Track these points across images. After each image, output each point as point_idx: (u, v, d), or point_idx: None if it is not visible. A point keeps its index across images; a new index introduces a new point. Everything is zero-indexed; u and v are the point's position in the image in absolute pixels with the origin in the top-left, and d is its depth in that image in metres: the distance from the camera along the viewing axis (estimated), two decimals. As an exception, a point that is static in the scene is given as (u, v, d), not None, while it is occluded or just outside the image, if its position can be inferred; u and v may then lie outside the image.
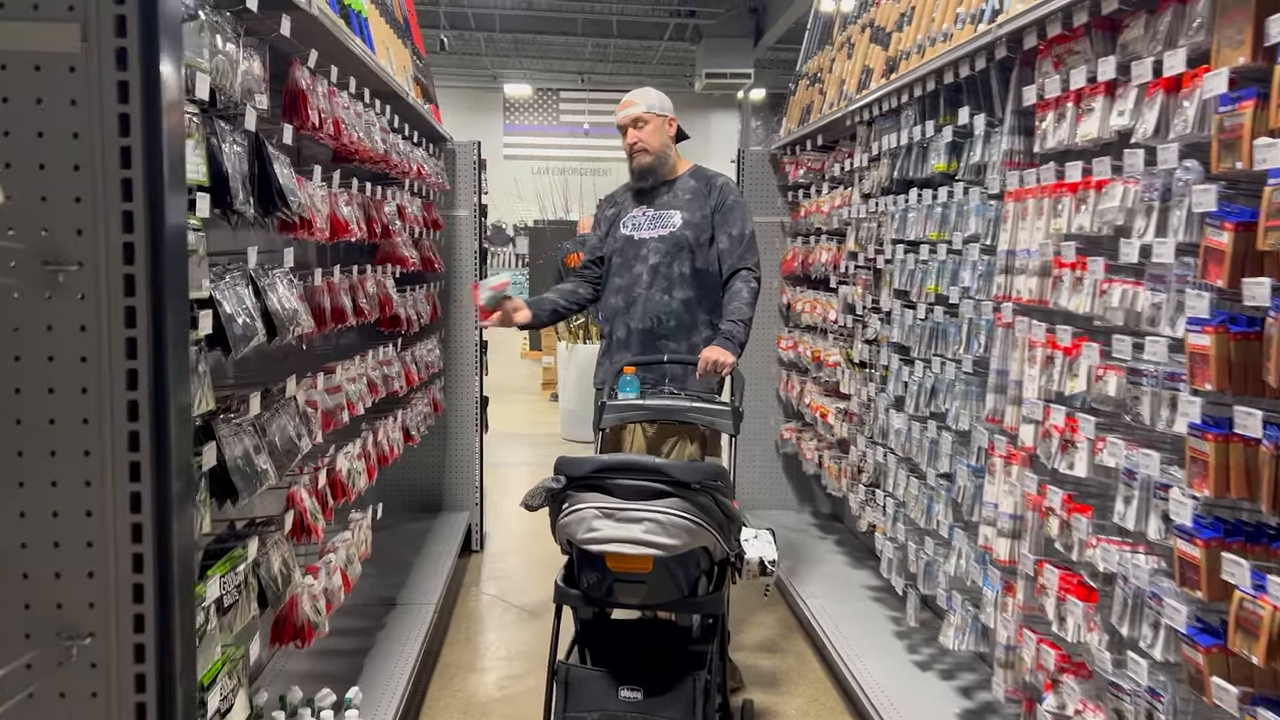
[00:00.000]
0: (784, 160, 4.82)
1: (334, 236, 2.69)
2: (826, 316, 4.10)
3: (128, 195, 0.89)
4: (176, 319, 1.02)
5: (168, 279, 0.95)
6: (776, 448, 5.06)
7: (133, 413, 0.93)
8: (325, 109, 2.52)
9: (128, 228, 0.90)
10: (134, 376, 0.96)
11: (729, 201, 3.38)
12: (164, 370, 0.98)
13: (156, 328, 0.96)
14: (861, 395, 3.61)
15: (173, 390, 1.00)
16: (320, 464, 2.65)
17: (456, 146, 4.78)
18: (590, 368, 7.88)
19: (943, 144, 2.80)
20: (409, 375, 3.79)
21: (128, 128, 0.86)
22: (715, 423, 2.96)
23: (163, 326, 0.96)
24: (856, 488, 3.71)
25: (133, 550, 1.02)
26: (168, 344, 1.00)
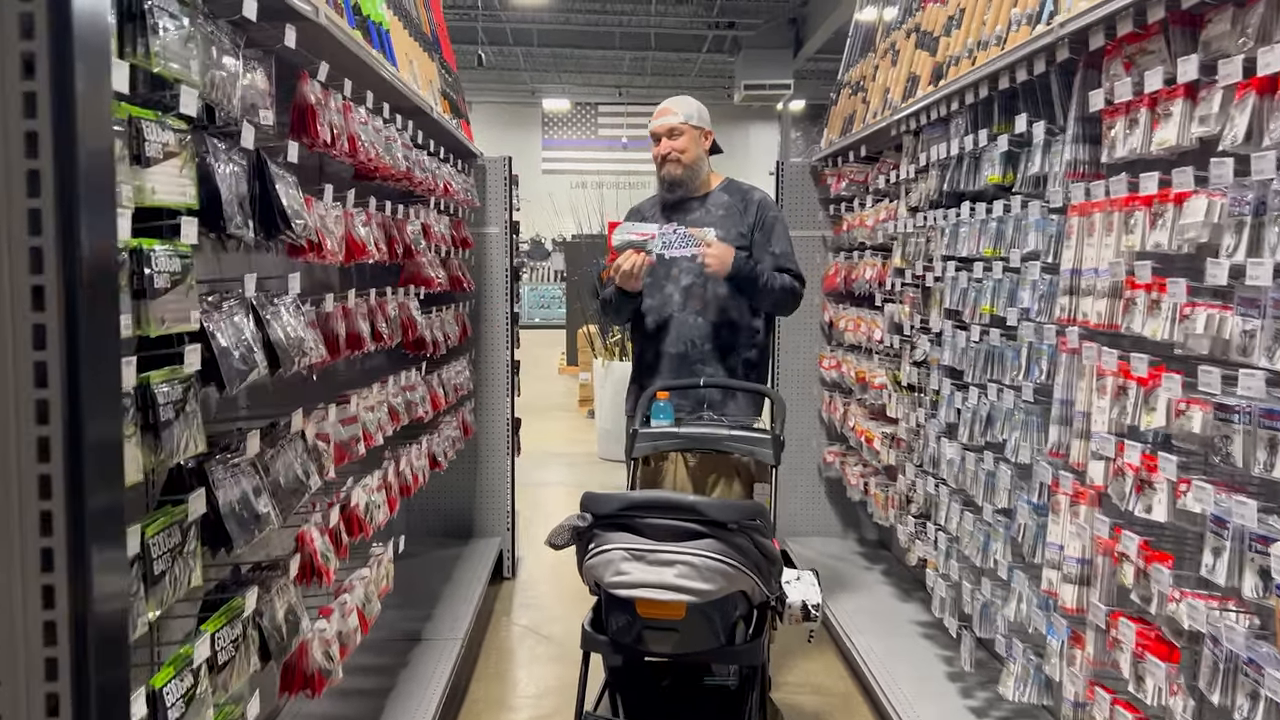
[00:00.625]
0: (825, 172, 4.63)
1: (350, 258, 2.56)
2: (871, 335, 3.90)
3: (35, 229, 0.74)
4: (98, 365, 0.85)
5: (85, 323, 0.80)
6: (819, 471, 4.86)
7: (43, 451, 0.78)
8: (339, 124, 2.39)
9: (36, 268, 0.75)
10: (43, 407, 0.80)
11: (769, 218, 3.23)
12: (78, 406, 0.82)
13: (71, 366, 0.80)
14: (910, 420, 3.41)
15: (87, 425, 0.84)
16: (335, 499, 2.50)
17: (487, 162, 4.65)
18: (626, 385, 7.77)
19: (997, 154, 2.61)
20: (435, 399, 3.65)
21: (35, 148, 0.72)
22: (755, 452, 2.77)
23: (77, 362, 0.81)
24: (905, 518, 3.50)
25: (44, 618, 0.85)
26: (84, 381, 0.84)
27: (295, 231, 1.93)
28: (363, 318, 2.66)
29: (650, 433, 2.82)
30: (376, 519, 2.76)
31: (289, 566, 2.06)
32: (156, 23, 1.44)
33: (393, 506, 2.99)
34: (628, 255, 3.06)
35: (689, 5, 16.64)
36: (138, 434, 1.41)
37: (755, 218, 3.22)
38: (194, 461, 1.69)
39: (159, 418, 1.47)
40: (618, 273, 3.07)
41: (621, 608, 2.11)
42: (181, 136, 1.54)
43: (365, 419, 2.66)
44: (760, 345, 3.27)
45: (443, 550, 4.57)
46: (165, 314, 1.48)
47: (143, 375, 1.46)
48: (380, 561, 2.92)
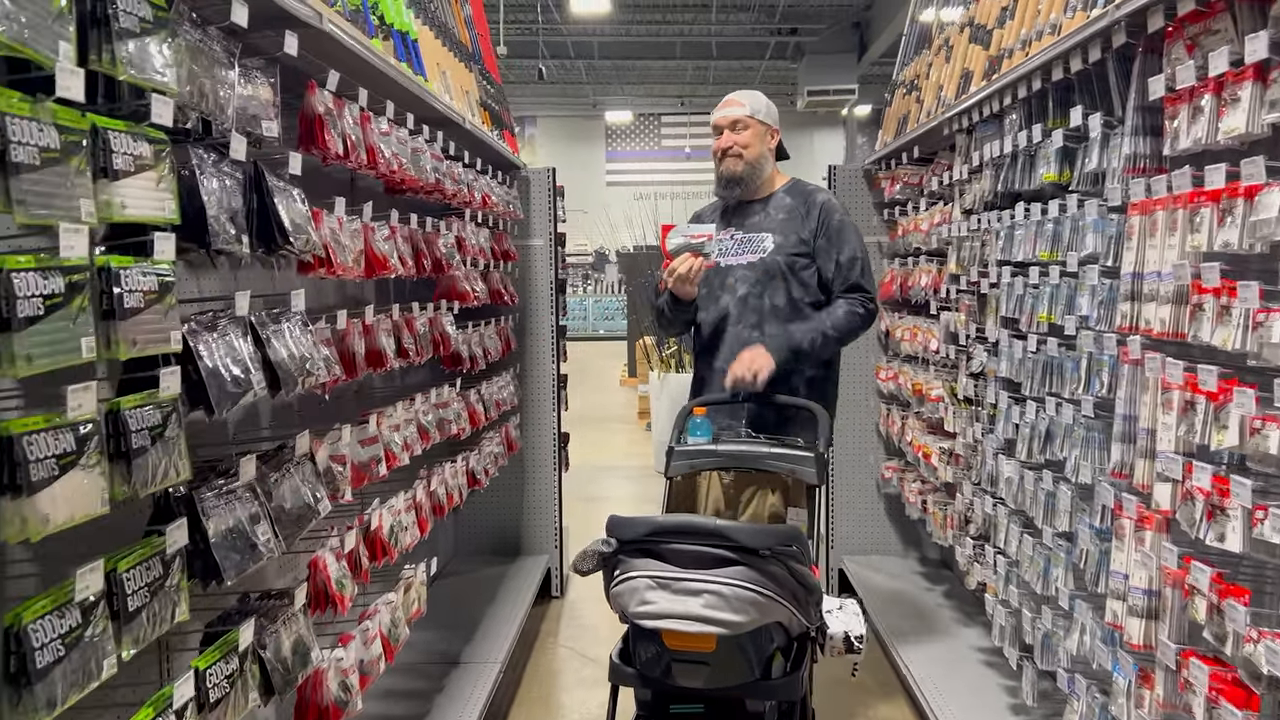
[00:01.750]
0: (879, 176, 4.45)
1: (370, 273, 2.48)
2: (928, 346, 3.72)
3: None
4: None
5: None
6: (878, 487, 4.66)
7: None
8: (355, 135, 2.31)
9: None
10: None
11: (835, 221, 3.02)
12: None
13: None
14: (967, 435, 3.22)
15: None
16: (357, 522, 2.42)
17: (531, 174, 4.57)
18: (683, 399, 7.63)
19: (1053, 150, 2.43)
20: (474, 416, 3.56)
21: None
22: (796, 470, 2.61)
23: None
24: (963, 539, 3.31)
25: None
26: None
27: (295, 246, 1.85)
28: (386, 334, 2.58)
29: (686, 451, 2.68)
30: (403, 541, 2.67)
31: (294, 596, 1.98)
32: (122, 28, 1.36)
33: (423, 528, 2.91)
34: (684, 259, 2.90)
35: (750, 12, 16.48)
36: (103, 463, 1.32)
37: (818, 221, 3.02)
38: (183, 491, 1.61)
39: (130, 445, 1.39)
40: (672, 277, 2.92)
41: (649, 639, 1.99)
42: (159, 148, 1.46)
43: (388, 439, 2.57)
44: (825, 362, 3.08)
45: (489, 568, 4.49)
46: (138, 335, 1.40)
47: (113, 400, 1.38)
48: (410, 585, 2.83)
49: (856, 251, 3.02)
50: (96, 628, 1.32)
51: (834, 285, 3.02)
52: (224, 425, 2.28)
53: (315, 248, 1.97)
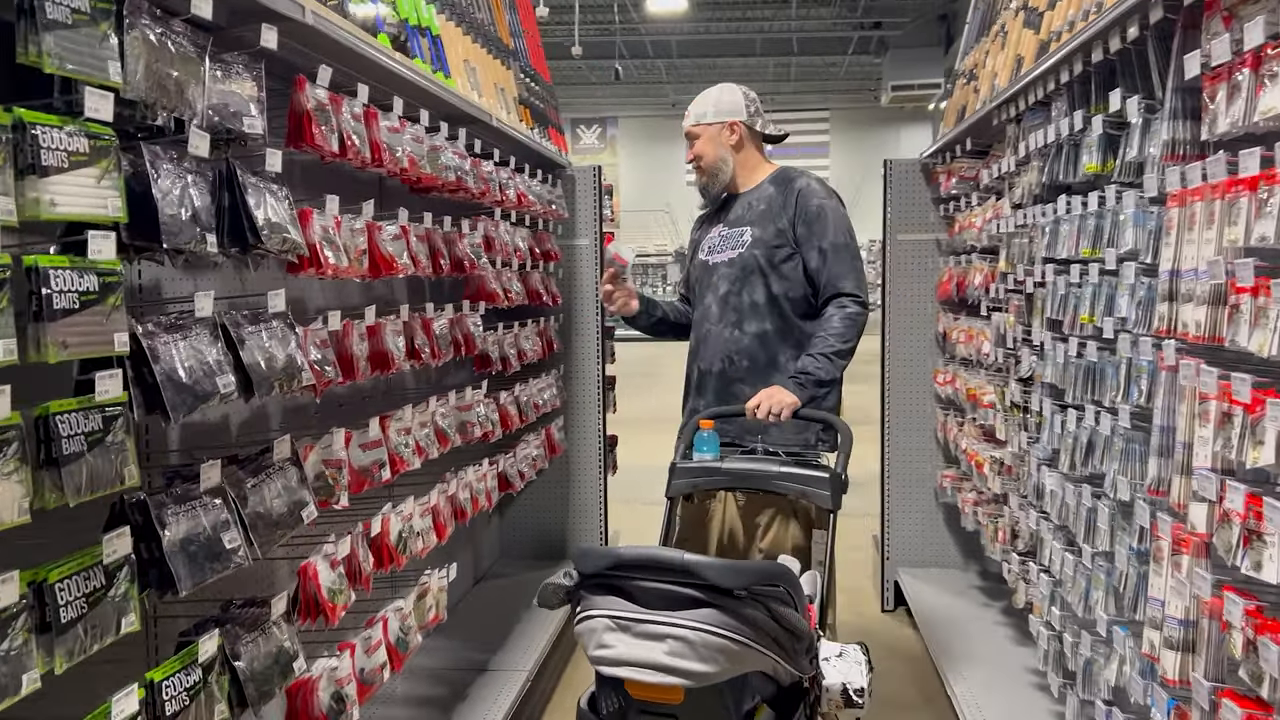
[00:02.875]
0: (936, 170, 4.25)
1: (376, 273, 2.43)
2: (980, 349, 3.52)
3: None
4: None
5: None
6: (936, 496, 4.46)
7: None
8: (357, 132, 2.26)
9: None
10: None
11: (813, 207, 2.84)
12: None
13: None
14: (1015, 444, 3.03)
15: None
16: (363, 528, 2.37)
17: (576, 172, 4.50)
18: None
19: (1094, 138, 2.24)
20: (506, 418, 3.50)
21: None
22: (808, 493, 2.43)
23: None
24: (1010, 555, 3.11)
25: None
26: None
27: (269, 245, 1.79)
28: (394, 335, 2.53)
29: (688, 468, 2.53)
30: (414, 548, 2.61)
31: (274, 604, 1.92)
32: (50, 19, 1.31)
33: (441, 533, 2.85)
34: (605, 288, 3.01)
35: (832, 7, 16.19)
36: (23, 470, 1.28)
37: (795, 209, 2.84)
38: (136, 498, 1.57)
39: (61, 451, 1.34)
40: (606, 301, 3.01)
41: (611, 687, 1.78)
42: (100, 144, 1.41)
43: (397, 443, 2.52)
44: None
45: (531, 572, 4.43)
46: (70, 338, 1.35)
47: (42, 405, 1.34)
48: (426, 591, 2.77)
49: (839, 237, 2.82)
50: (15, 641, 1.27)
51: (820, 280, 2.82)
52: (224, 428, 2.26)
53: (297, 247, 1.91)
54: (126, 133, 1.60)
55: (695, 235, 3.14)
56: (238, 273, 2.29)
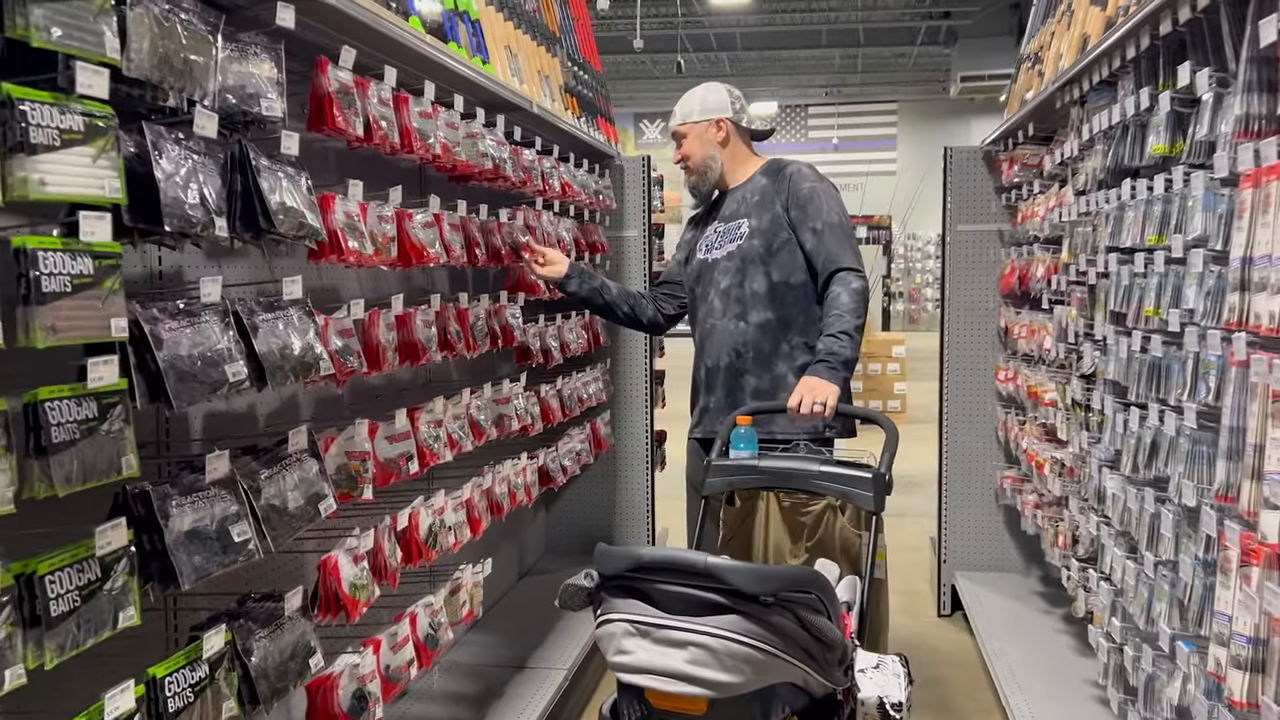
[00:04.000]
0: (999, 158, 4.08)
1: (407, 262, 2.37)
2: (1042, 344, 3.36)
3: None
4: None
5: None
6: (996, 498, 4.29)
7: None
8: (384, 117, 2.21)
9: None
10: None
11: (804, 191, 2.83)
12: None
13: None
14: (1076, 444, 2.87)
15: None
16: (390, 522, 2.32)
17: (625, 163, 4.42)
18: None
19: (1162, 116, 2.09)
20: (547, 411, 3.43)
21: None
22: (849, 494, 2.32)
23: None
24: (1070, 561, 2.96)
25: None
26: None
27: (279, 230, 1.74)
28: (425, 325, 2.47)
29: (724, 466, 2.44)
30: (445, 542, 2.56)
31: (288, 600, 1.88)
32: (39, -9, 1.27)
33: (475, 528, 2.79)
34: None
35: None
36: (8, 459, 1.23)
37: (788, 193, 2.84)
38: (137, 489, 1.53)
39: (50, 440, 1.30)
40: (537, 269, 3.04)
41: (632, 695, 1.70)
42: (94, 121, 1.37)
43: (426, 435, 2.46)
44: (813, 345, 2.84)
45: (578, 567, 4.32)
46: (59, 322, 1.31)
47: (30, 392, 1.29)
48: (459, 587, 2.72)
49: (832, 216, 2.80)
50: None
51: (816, 260, 2.79)
52: (250, 418, 2.22)
53: (314, 233, 1.86)
54: (137, 114, 1.57)
55: (688, 236, 3.11)
56: (266, 260, 2.26)
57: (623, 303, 3.10)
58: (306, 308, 1.91)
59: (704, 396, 2.97)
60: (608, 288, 3.09)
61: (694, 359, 3.03)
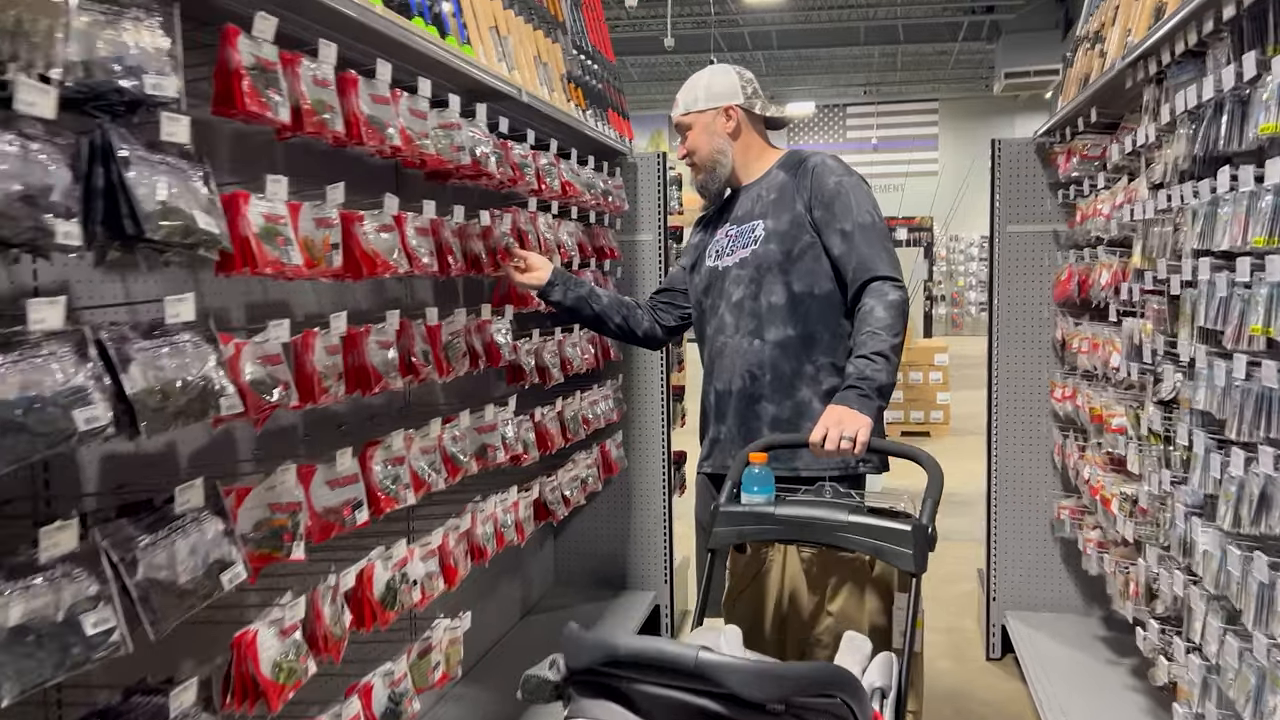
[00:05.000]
0: (1054, 150, 3.65)
1: (358, 274, 2.01)
2: (1108, 361, 2.93)
3: None
4: None
5: None
6: (1052, 529, 3.85)
7: None
8: (322, 100, 1.85)
9: None
10: None
11: (829, 186, 2.43)
12: None
13: None
14: (1153, 482, 2.44)
15: None
16: (332, 583, 1.95)
17: (639, 160, 4.04)
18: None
19: (1274, 88, 1.67)
20: (545, 437, 3.07)
21: None
22: (883, 551, 1.91)
23: None
24: (1145, 616, 2.53)
25: None
26: None
27: (157, 237, 1.38)
28: (380, 347, 2.11)
29: (733, 513, 2.05)
30: (409, 600, 2.19)
31: (178, 694, 1.52)
32: None
33: (451, 577, 2.43)
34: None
35: (939, -10, 15.37)
36: None
37: (810, 191, 2.45)
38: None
39: None
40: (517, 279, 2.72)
41: None
42: None
43: (383, 476, 2.10)
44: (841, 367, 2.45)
45: (587, 603, 3.99)
46: None
47: None
48: (429, 648, 2.35)
49: (863, 216, 2.39)
50: None
51: (845, 267, 2.39)
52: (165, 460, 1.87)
53: (210, 240, 1.50)
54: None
55: (695, 240, 2.72)
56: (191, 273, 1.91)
57: (614, 313, 2.72)
58: (207, 332, 1.55)
59: (714, 426, 2.58)
60: (597, 296, 2.71)
61: (703, 381, 2.64)
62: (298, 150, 2.19)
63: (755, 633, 2.25)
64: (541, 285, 2.68)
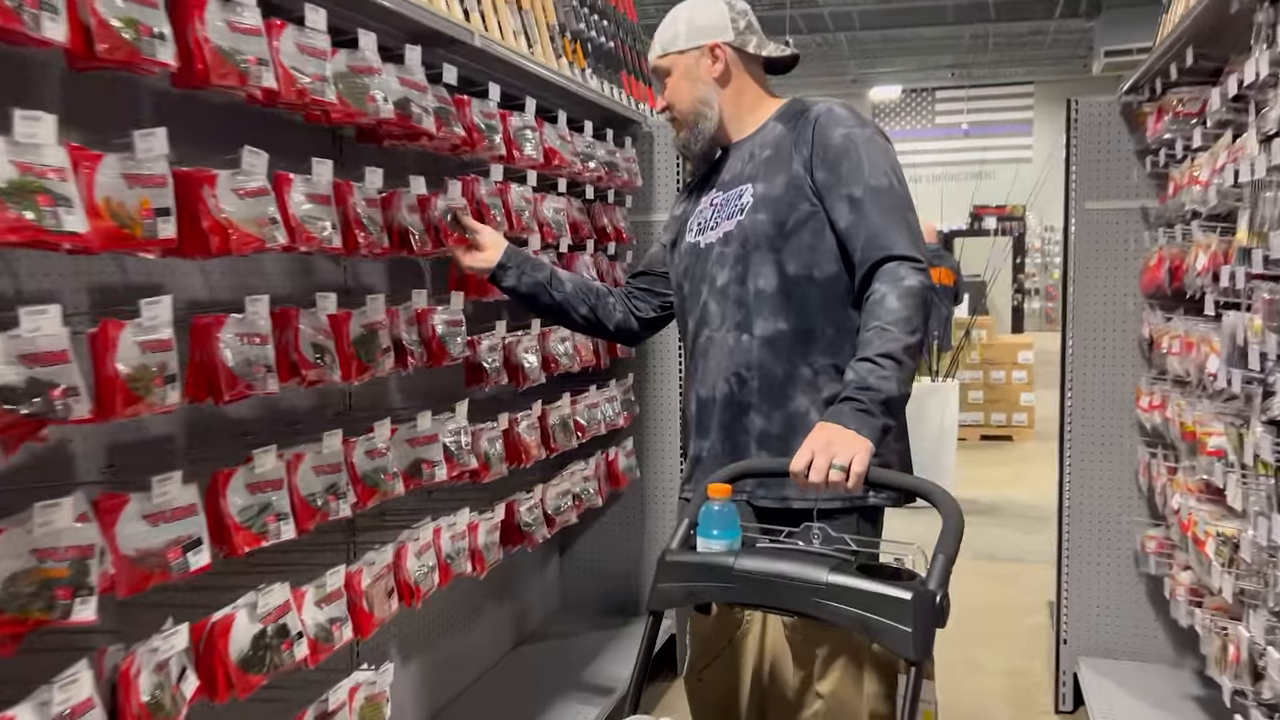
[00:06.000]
0: (1142, 110, 3.04)
1: (204, 251, 1.59)
2: (1203, 365, 2.35)
3: None
4: None
5: None
6: (1136, 562, 3.24)
7: None
8: (128, 18, 1.41)
9: None
10: None
11: (836, 140, 1.90)
12: None
13: None
14: (1261, 529, 1.86)
15: None
16: (149, 649, 1.53)
17: (655, 129, 3.55)
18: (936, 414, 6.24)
19: None
20: (518, 448, 2.62)
21: None
22: (870, 626, 1.39)
23: None
24: (1248, 694, 1.96)
25: None
26: None
27: None
28: (244, 341, 1.67)
29: (681, 565, 1.58)
30: (285, 659, 1.75)
31: None
32: None
33: (364, 626, 1.99)
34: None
35: (1033, -36, 14.46)
36: None
37: (812, 146, 1.91)
38: None
39: None
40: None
41: None
42: None
43: (237, 507, 1.66)
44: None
45: (593, 632, 3.53)
46: None
47: None
48: (339, 709, 1.92)
49: (879, 179, 1.86)
50: None
51: (855, 242, 1.87)
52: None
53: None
54: None
55: (678, 211, 2.22)
56: None
57: (579, 303, 2.24)
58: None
59: (695, 441, 2.09)
60: (559, 282, 2.24)
61: (684, 385, 2.15)
62: (212, 108, 1.79)
63: (729, 715, 1.77)
64: (491, 267, 2.22)
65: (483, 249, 2.22)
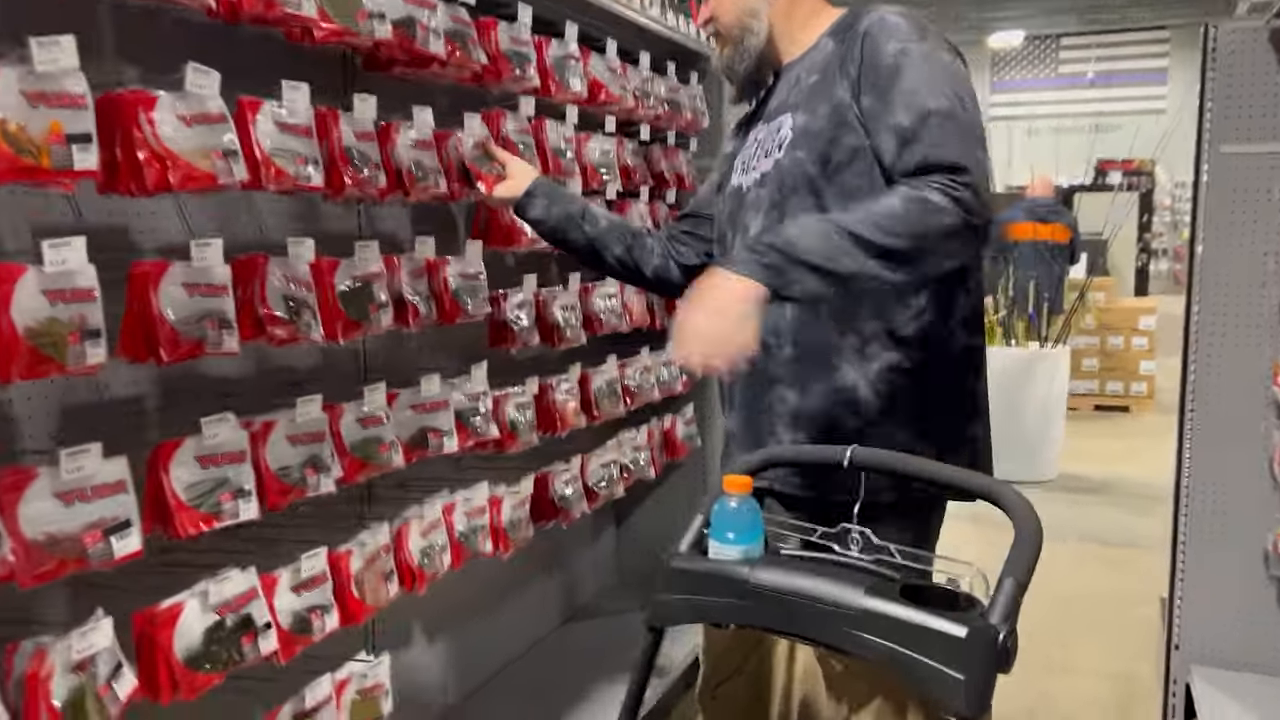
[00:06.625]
0: (1296, 35, 2.58)
1: (139, 186, 1.36)
2: (1363, 339, 1.93)
3: None
4: None
5: None
6: (1266, 562, 2.82)
7: None
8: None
9: None
10: None
11: (887, 58, 1.54)
12: None
13: None
14: None
15: None
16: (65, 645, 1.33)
17: (723, 65, 3.21)
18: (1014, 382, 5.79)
19: None
20: (552, 415, 2.37)
21: None
22: (908, 667, 1.09)
23: None
24: None
25: None
26: None
27: None
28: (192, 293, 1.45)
29: (687, 574, 1.31)
30: (249, 653, 1.55)
31: None
32: None
33: (356, 613, 1.78)
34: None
35: (1172, -105, 13.34)
36: None
37: (860, 65, 1.56)
38: None
39: None
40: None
41: None
42: None
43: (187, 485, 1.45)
44: (918, 335, 1.60)
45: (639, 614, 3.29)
46: None
47: None
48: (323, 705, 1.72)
49: (937, 100, 1.49)
50: None
51: (898, 162, 1.52)
52: None
53: None
54: None
55: (729, 149, 1.91)
56: None
57: (614, 241, 1.96)
58: None
59: (726, 414, 1.82)
60: (592, 217, 1.96)
61: None
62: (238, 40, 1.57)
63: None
64: (517, 196, 1.96)
65: (510, 178, 1.97)
